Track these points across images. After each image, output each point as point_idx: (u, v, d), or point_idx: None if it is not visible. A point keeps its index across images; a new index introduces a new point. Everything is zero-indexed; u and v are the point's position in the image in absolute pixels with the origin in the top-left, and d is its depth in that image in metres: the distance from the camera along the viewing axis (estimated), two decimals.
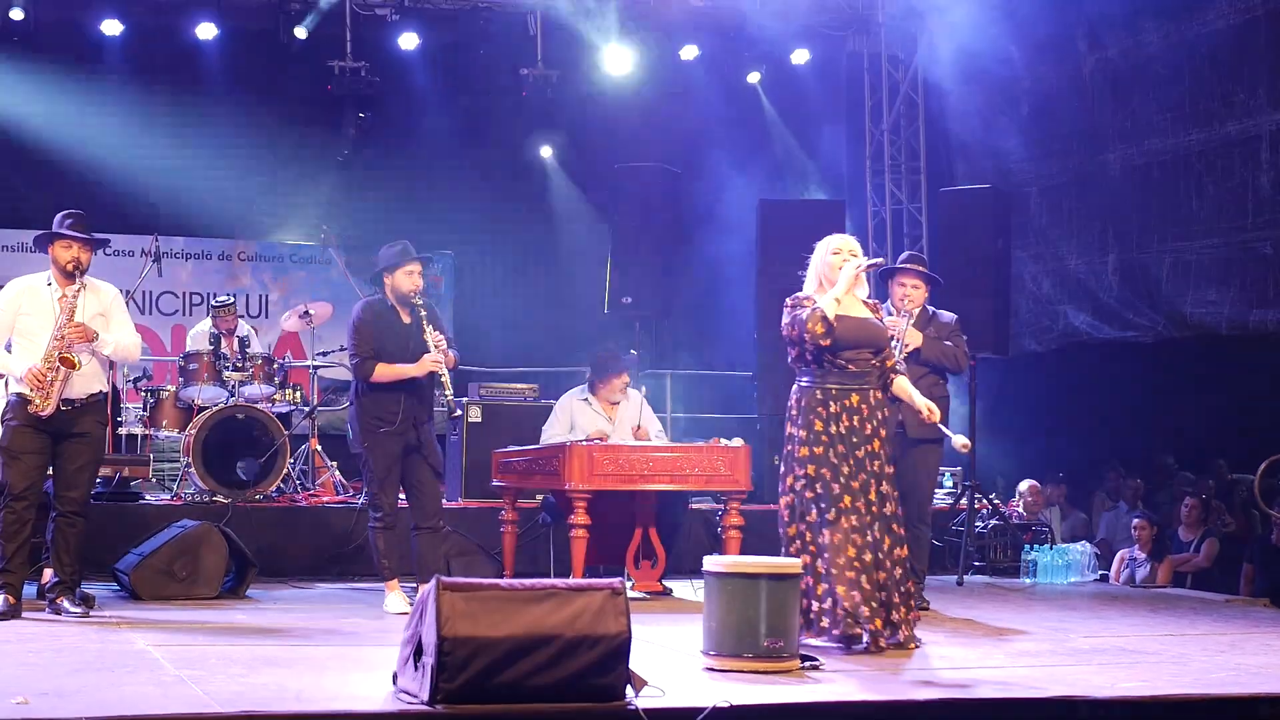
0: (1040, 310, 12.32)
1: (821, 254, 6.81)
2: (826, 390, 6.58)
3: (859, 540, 6.44)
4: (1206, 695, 5.54)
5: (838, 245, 6.78)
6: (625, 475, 8.11)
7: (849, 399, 6.57)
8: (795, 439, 6.62)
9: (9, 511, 7.10)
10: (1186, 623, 7.95)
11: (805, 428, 6.57)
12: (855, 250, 6.75)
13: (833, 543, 6.42)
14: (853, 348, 6.58)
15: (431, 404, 8.07)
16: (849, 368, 6.59)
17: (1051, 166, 12.21)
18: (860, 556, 6.42)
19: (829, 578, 6.40)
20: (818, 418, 6.56)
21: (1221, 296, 10.55)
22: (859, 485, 6.51)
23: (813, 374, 6.63)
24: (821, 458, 6.52)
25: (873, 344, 6.66)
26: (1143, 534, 10.58)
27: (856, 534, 6.44)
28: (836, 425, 6.54)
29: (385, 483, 7.87)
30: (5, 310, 7.25)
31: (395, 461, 7.87)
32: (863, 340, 6.61)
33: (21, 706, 4.65)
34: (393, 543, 7.92)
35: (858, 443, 6.54)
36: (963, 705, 5.33)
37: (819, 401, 6.58)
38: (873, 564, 6.44)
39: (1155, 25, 11.10)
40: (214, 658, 5.90)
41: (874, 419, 6.61)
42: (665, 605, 8.29)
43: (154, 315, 13.77)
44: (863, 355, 6.61)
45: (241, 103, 13.15)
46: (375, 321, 7.90)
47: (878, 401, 6.64)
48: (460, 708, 4.78)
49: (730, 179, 13.90)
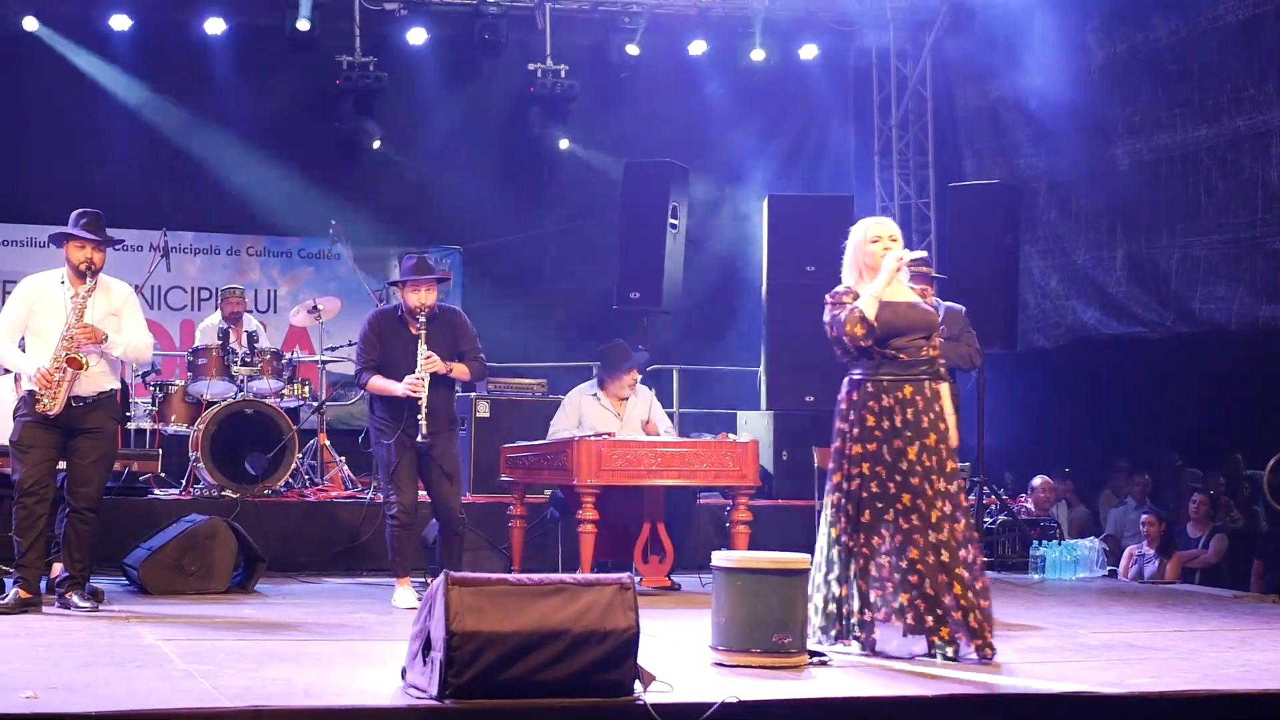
0: (1049, 306, 12.31)
1: (858, 241, 6.36)
2: (878, 383, 6.19)
3: (921, 541, 6.04)
4: (1215, 691, 5.53)
5: (876, 232, 6.32)
6: (633, 470, 8.10)
7: (902, 390, 6.17)
8: (847, 436, 6.22)
9: (20, 507, 7.12)
10: (1195, 619, 7.93)
11: (858, 424, 6.18)
12: (895, 235, 6.32)
13: (893, 545, 6.07)
14: (903, 334, 6.20)
15: (450, 410, 8.06)
16: (900, 357, 6.20)
17: (1060, 162, 12.19)
18: (923, 558, 6.03)
19: (883, 582, 6.08)
20: (869, 413, 6.17)
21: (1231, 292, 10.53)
22: (915, 484, 6.10)
23: (864, 367, 6.24)
24: (875, 455, 6.14)
25: (924, 328, 6.26)
26: (1151, 530, 10.57)
27: (918, 534, 6.05)
28: (890, 420, 6.15)
29: (396, 482, 7.89)
30: (19, 308, 7.27)
31: (406, 461, 7.89)
32: (914, 325, 6.22)
33: (31, 701, 4.66)
34: (405, 540, 7.95)
35: (912, 437, 6.13)
36: (972, 701, 5.32)
37: (870, 395, 6.19)
38: (936, 567, 6.03)
39: (1164, 20, 11.07)
40: (223, 652, 5.90)
41: (930, 412, 6.19)
42: (673, 600, 8.28)
43: (162, 310, 13.77)
44: (914, 342, 6.22)
45: (250, 97, 13.16)
46: (381, 332, 8.00)
47: (933, 393, 6.22)
48: (469, 702, 4.79)
49: (738, 174, 13.89)
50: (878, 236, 6.29)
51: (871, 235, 6.31)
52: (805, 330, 10.90)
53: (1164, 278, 11.05)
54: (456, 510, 8.00)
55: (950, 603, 6.01)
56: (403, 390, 7.79)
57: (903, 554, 6.05)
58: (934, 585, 6.01)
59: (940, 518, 6.08)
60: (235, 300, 11.05)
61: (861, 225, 6.39)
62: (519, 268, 14.46)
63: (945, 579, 6.02)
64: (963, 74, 13.16)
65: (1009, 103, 12.65)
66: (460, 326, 8.13)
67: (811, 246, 11.42)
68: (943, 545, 6.05)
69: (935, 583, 6.01)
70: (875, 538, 6.11)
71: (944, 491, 6.12)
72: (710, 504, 9.86)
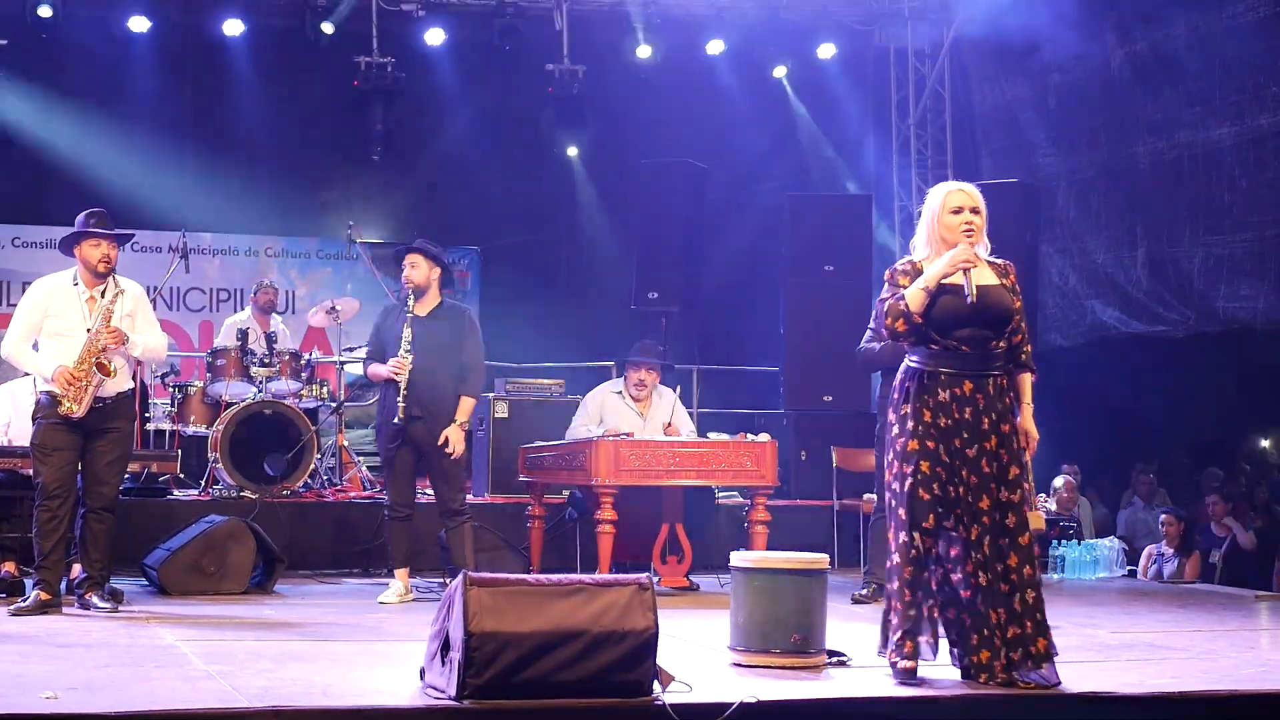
0: (1068, 305, 12.26)
1: (935, 210, 5.57)
2: (936, 375, 5.49)
3: (977, 557, 5.42)
4: (1236, 692, 5.50)
5: (958, 201, 5.52)
6: (652, 470, 8.11)
7: (961, 386, 5.46)
8: (904, 429, 5.52)
9: (43, 510, 7.13)
10: (1215, 619, 7.90)
11: (914, 417, 5.49)
12: (979, 206, 5.53)
13: (949, 555, 5.46)
14: (969, 325, 5.45)
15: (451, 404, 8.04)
16: (962, 349, 5.48)
17: (1079, 160, 12.14)
18: (975, 576, 5.42)
19: (932, 595, 5.50)
20: (926, 406, 5.48)
21: (1255, 291, 10.47)
22: (971, 491, 5.45)
23: (922, 354, 5.54)
24: (932, 453, 5.46)
25: (997, 321, 5.49)
26: (1170, 530, 10.53)
27: (974, 550, 5.42)
28: (947, 417, 5.47)
29: (391, 476, 8.03)
30: (33, 310, 7.28)
31: (402, 456, 7.94)
32: (988, 316, 5.47)
33: (51, 701, 4.67)
34: (399, 534, 8.01)
35: (969, 439, 5.45)
36: (989, 701, 5.30)
37: (925, 388, 5.49)
38: (989, 584, 5.41)
39: (1184, 17, 11.02)
40: (242, 653, 5.91)
41: (991, 412, 5.48)
42: (692, 600, 8.28)
43: (181, 311, 13.81)
44: (982, 334, 5.48)
45: (268, 99, 13.19)
46: (383, 322, 8.18)
47: (997, 390, 5.51)
48: (487, 703, 4.78)
49: (757, 173, 13.87)
50: (960, 206, 5.52)
51: (953, 204, 5.53)
52: (824, 330, 10.98)
53: (1186, 276, 11.00)
54: (450, 501, 8.00)
55: (998, 622, 5.41)
56: (387, 371, 7.92)
57: (959, 567, 5.44)
58: (984, 602, 5.42)
59: (997, 529, 5.44)
60: (270, 291, 11.25)
61: (941, 190, 5.63)
62: (537, 267, 14.47)
63: (998, 599, 5.41)
64: (981, 73, 13.11)
65: (1027, 101, 12.61)
66: (467, 327, 8.12)
67: (830, 246, 11.42)
68: (992, 562, 5.42)
69: (988, 600, 5.41)
70: (938, 547, 5.48)
71: (1006, 501, 5.45)
72: (729, 504, 9.85)
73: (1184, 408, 12.66)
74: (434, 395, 7.92)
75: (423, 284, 7.98)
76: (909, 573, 5.48)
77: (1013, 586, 5.42)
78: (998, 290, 5.51)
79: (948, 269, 5.44)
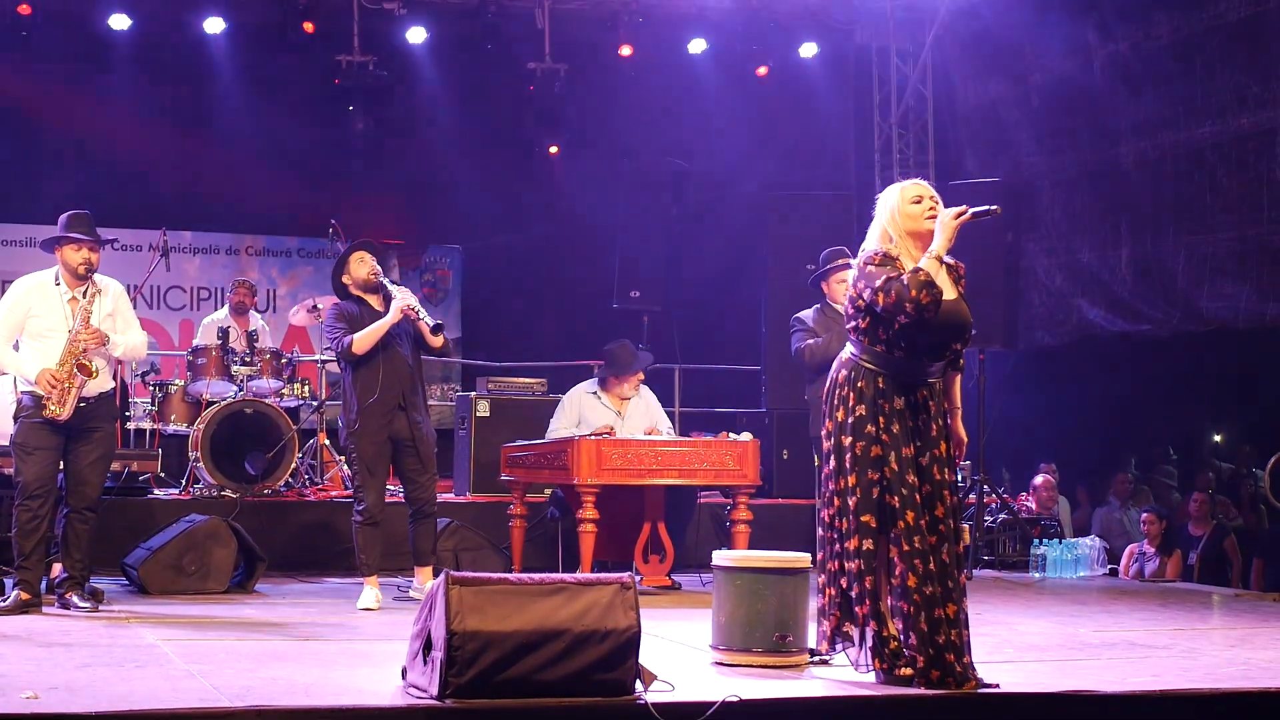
0: (1053, 303, 12.28)
1: (894, 204, 5.55)
2: (894, 380, 5.45)
3: (921, 567, 5.35)
4: (1217, 690, 5.52)
5: (917, 192, 5.54)
6: (634, 470, 8.11)
7: (917, 394, 5.47)
8: (861, 433, 5.44)
9: (24, 509, 7.11)
10: (1196, 617, 7.93)
11: (871, 421, 5.42)
12: (936, 197, 5.56)
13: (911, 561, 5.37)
14: (930, 334, 5.42)
15: (423, 395, 8.00)
16: (924, 358, 5.47)
17: (1063, 159, 12.15)
18: (921, 588, 5.34)
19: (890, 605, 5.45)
20: (880, 412, 5.43)
21: (1238, 290, 10.50)
22: (923, 499, 5.42)
23: (880, 357, 5.47)
24: (896, 459, 5.41)
25: (959, 333, 5.50)
26: (1151, 528, 10.56)
27: (918, 559, 5.36)
28: (900, 423, 5.43)
29: (368, 479, 7.83)
30: (14, 310, 7.25)
31: (380, 457, 7.85)
32: (952, 327, 5.44)
33: (31, 701, 4.65)
34: (372, 539, 7.88)
35: (922, 446, 5.44)
36: (972, 700, 5.31)
37: (882, 393, 5.44)
38: (940, 596, 5.37)
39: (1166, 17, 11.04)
40: (223, 652, 5.90)
41: (939, 419, 5.50)
42: (674, 600, 8.28)
43: (162, 310, 13.77)
44: (941, 342, 5.47)
45: (249, 96, 13.13)
46: (346, 314, 7.90)
47: (940, 394, 5.55)
48: (469, 702, 4.78)
49: (738, 172, 13.86)
50: (919, 196, 5.53)
51: (911, 196, 5.54)
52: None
53: (1170, 275, 11.02)
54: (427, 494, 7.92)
55: (950, 636, 5.37)
56: (397, 315, 7.70)
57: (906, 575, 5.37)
58: (940, 613, 5.36)
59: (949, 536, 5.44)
60: (244, 290, 11.18)
61: (895, 188, 5.62)
62: (519, 266, 14.44)
63: (953, 609, 5.39)
64: (963, 72, 13.12)
65: (1010, 101, 12.62)
66: None
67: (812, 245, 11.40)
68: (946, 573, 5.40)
69: (943, 612, 5.36)
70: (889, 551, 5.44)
71: (952, 508, 5.48)
72: (710, 503, 9.84)
73: (1168, 406, 12.70)
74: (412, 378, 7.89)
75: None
76: (869, 582, 5.45)
77: (962, 593, 5.47)
78: (956, 303, 5.47)
79: (950, 235, 5.41)
